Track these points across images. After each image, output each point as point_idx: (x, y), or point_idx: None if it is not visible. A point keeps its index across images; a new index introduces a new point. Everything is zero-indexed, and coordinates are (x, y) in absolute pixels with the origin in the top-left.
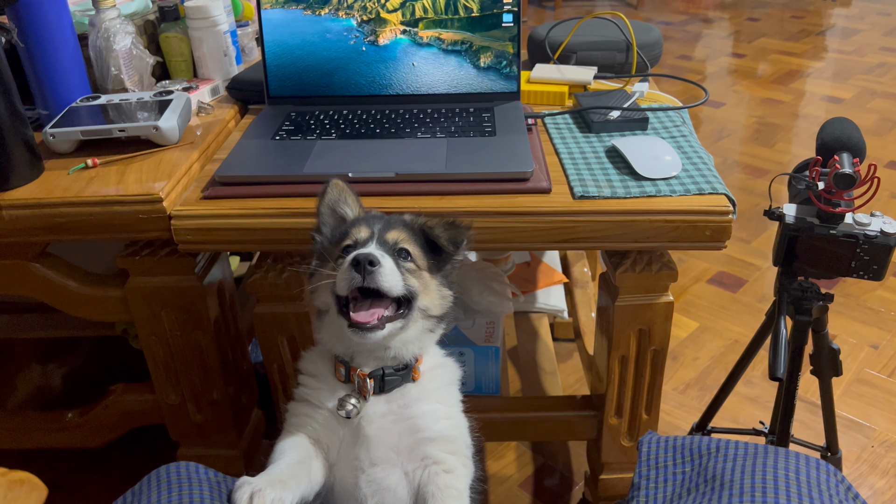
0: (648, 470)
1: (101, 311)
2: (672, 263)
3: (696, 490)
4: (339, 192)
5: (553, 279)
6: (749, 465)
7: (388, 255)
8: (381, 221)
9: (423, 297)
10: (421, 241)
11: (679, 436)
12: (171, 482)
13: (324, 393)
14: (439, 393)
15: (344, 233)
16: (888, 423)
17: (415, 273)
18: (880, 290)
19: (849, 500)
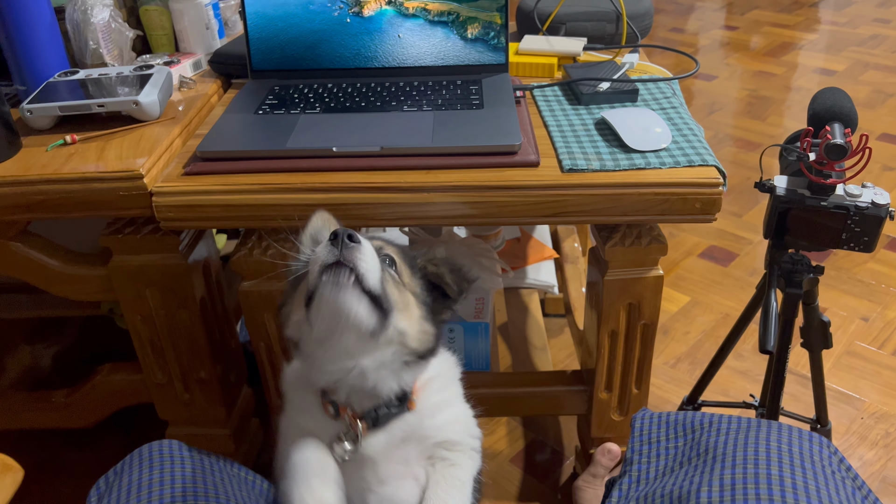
0: (641, 445)
1: (85, 291)
2: (662, 237)
3: (688, 463)
4: (324, 222)
5: (543, 255)
6: (741, 438)
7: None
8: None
9: (401, 317)
10: (415, 268)
11: (672, 411)
12: (152, 460)
13: (317, 431)
14: (440, 401)
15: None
16: (878, 394)
17: (397, 286)
18: (871, 263)
19: (841, 472)
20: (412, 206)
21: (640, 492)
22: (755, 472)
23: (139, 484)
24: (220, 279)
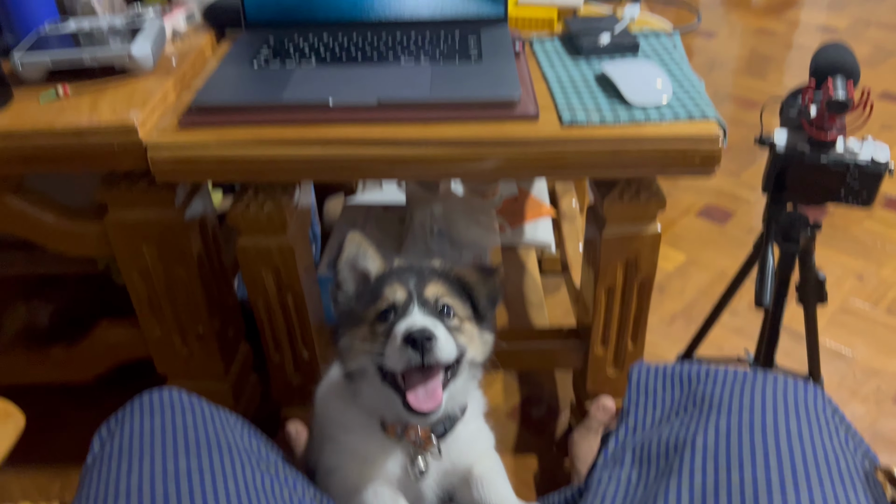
0: (638, 396)
1: (81, 246)
2: (660, 192)
3: (684, 412)
4: (358, 247)
5: (541, 212)
6: (738, 388)
7: (436, 318)
8: (414, 275)
9: (470, 350)
10: (457, 289)
11: (669, 364)
12: (153, 408)
13: (378, 459)
14: (475, 414)
15: (375, 293)
16: (870, 351)
17: (459, 328)
18: (867, 222)
19: (835, 420)
20: (411, 160)
21: (637, 439)
22: (750, 420)
23: (141, 431)
24: (217, 235)
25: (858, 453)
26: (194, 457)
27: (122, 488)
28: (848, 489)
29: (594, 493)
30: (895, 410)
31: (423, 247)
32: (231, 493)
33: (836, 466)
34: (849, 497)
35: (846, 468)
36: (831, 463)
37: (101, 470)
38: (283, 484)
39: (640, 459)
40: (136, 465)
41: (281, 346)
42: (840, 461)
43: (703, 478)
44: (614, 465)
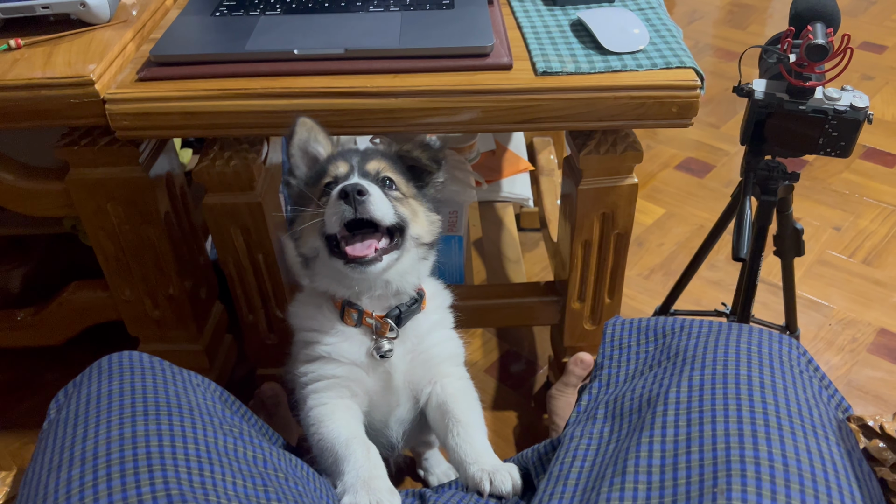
0: (612, 350)
1: (43, 206)
2: (637, 144)
3: (658, 366)
4: (308, 131)
5: (518, 167)
6: (711, 341)
7: (375, 185)
8: (358, 154)
9: (414, 225)
10: (401, 167)
11: (644, 317)
12: (111, 371)
13: (342, 345)
14: (442, 318)
15: (321, 171)
16: (846, 301)
17: (402, 201)
18: (846, 173)
19: (809, 371)
20: (379, 112)
21: (610, 394)
22: (724, 373)
23: (98, 395)
24: (185, 194)
25: (832, 404)
26: (153, 420)
27: (77, 454)
28: (820, 440)
29: (566, 449)
30: (870, 360)
31: None
32: (191, 456)
33: (808, 417)
34: (821, 447)
35: (819, 419)
36: (804, 414)
37: (57, 435)
38: (246, 444)
39: (612, 415)
40: (91, 430)
41: (254, 306)
42: (813, 412)
43: (675, 432)
44: (587, 420)
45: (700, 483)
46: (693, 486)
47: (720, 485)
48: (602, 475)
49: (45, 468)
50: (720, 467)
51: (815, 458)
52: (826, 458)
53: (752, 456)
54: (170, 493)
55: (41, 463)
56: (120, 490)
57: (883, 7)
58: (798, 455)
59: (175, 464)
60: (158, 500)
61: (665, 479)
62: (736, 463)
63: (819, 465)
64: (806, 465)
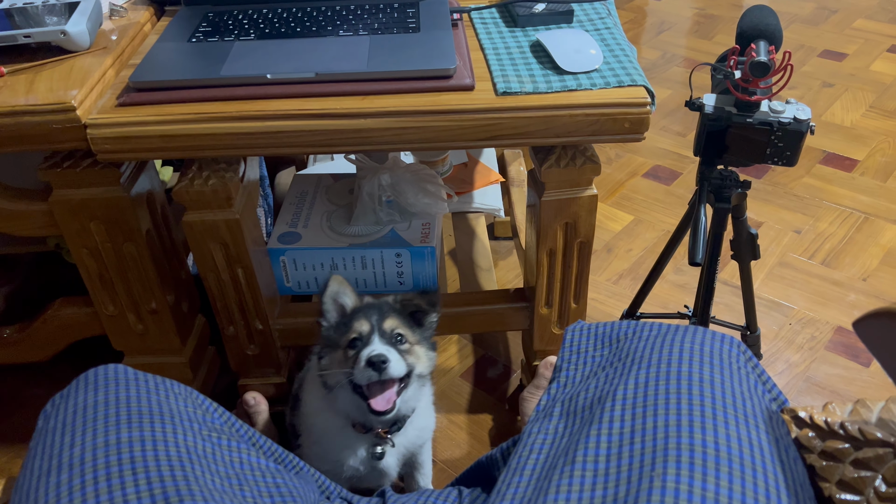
0: (570, 355)
1: (27, 226)
2: (595, 157)
3: (609, 367)
4: (339, 285)
5: (490, 179)
6: (658, 343)
7: (391, 346)
8: (376, 313)
9: (418, 367)
10: (405, 317)
11: (603, 322)
12: (97, 383)
13: (345, 452)
14: (426, 406)
15: (347, 325)
16: (806, 301)
17: (409, 350)
18: (806, 178)
19: (747, 368)
20: (349, 133)
21: (566, 394)
22: (667, 371)
23: (84, 405)
24: (165, 211)
25: (767, 397)
26: (136, 427)
27: (66, 461)
28: (751, 428)
29: (524, 444)
30: (828, 357)
31: (372, 216)
32: (172, 457)
33: (741, 409)
34: (750, 435)
35: (752, 410)
36: (738, 406)
37: (45, 444)
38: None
39: (566, 412)
40: (78, 437)
41: (234, 319)
42: (746, 403)
43: (620, 425)
44: (544, 418)
45: (640, 469)
46: (634, 471)
47: (657, 469)
48: (554, 465)
49: (34, 474)
50: (658, 454)
51: (745, 444)
52: (755, 445)
53: (687, 443)
54: (153, 492)
55: (31, 469)
56: (106, 492)
57: (843, 16)
58: (729, 442)
59: (158, 465)
60: (143, 500)
61: (609, 467)
62: (672, 450)
63: (748, 450)
64: (735, 450)
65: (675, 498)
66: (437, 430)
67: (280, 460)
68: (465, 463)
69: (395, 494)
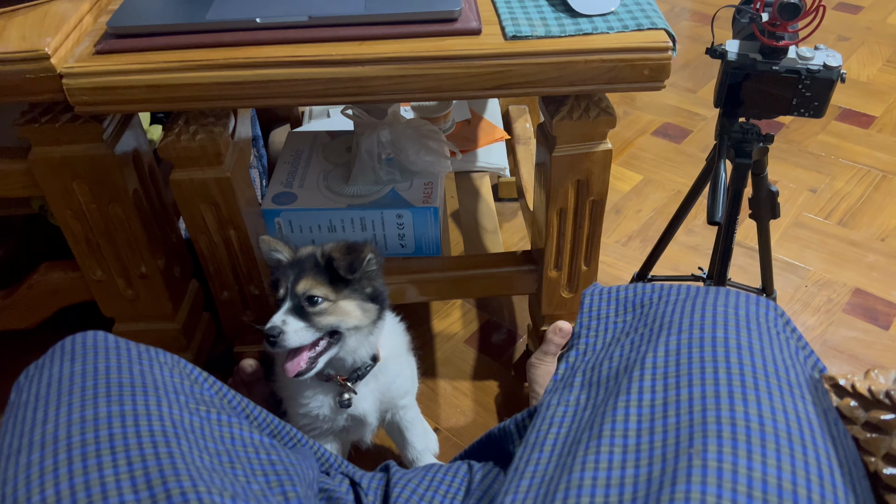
0: (590, 320)
1: (6, 187)
2: (610, 108)
3: (634, 332)
4: (266, 244)
5: (494, 136)
6: (688, 306)
7: (295, 314)
8: (295, 271)
9: (347, 321)
10: (327, 273)
11: (623, 285)
12: (74, 353)
13: (312, 404)
14: (396, 355)
15: (274, 286)
16: (822, 263)
17: (329, 308)
18: (822, 135)
19: (786, 332)
20: (345, 81)
21: (587, 362)
22: (700, 337)
23: (60, 377)
24: (154, 171)
25: (808, 364)
26: (116, 401)
27: (37, 439)
28: (797, 399)
29: (542, 417)
30: (845, 320)
31: (371, 175)
32: (156, 433)
33: (785, 378)
34: (797, 407)
35: (795, 379)
36: (781, 375)
37: (17, 420)
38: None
39: (588, 382)
40: (52, 413)
41: (227, 284)
42: (790, 372)
43: (651, 396)
44: (563, 388)
45: (676, 445)
46: (669, 448)
47: (696, 445)
48: (578, 440)
49: (3, 454)
50: (696, 429)
51: (791, 417)
52: (802, 418)
53: (728, 416)
54: (133, 473)
55: (0, 448)
56: (82, 473)
57: None
58: (774, 415)
59: (139, 442)
60: (122, 482)
61: (641, 443)
62: (712, 424)
63: (795, 424)
64: (782, 424)
65: (718, 478)
66: (442, 398)
67: (276, 433)
68: (471, 430)
69: (399, 469)
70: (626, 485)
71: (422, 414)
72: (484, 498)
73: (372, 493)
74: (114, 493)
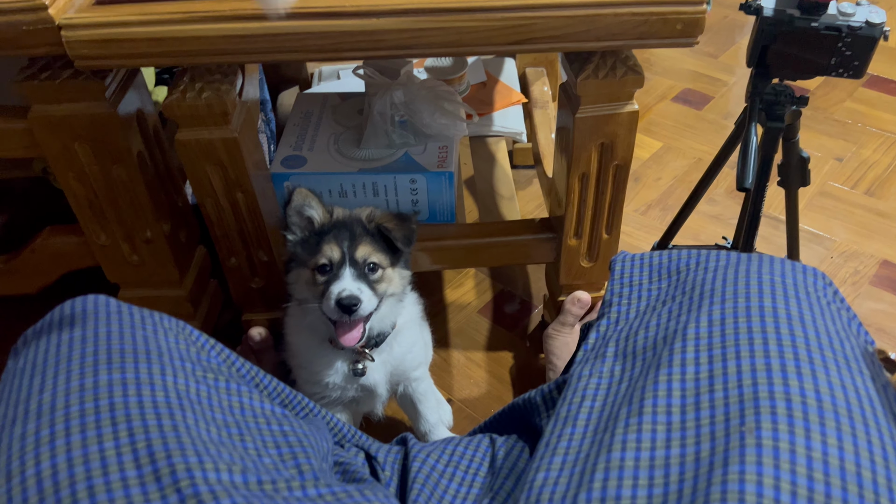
0: (622, 287)
1: (5, 147)
2: (638, 67)
3: (672, 301)
4: (304, 198)
5: (511, 100)
6: (731, 273)
7: (362, 280)
8: (348, 235)
9: (391, 289)
10: (380, 240)
11: (657, 251)
12: (74, 316)
13: (326, 371)
14: (411, 325)
15: (316, 246)
16: (848, 234)
17: (382, 277)
18: (848, 102)
19: (836, 302)
20: (358, 35)
21: (620, 331)
22: (746, 306)
23: (58, 343)
24: (159, 133)
25: (861, 337)
26: (117, 368)
27: (33, 408)
28: (854, 374)
29: (573, 389)
30: (872, 292)
31: (383, 138)
32: (160, 404)
33: (840, 350)
34: (855, 382)
35: (851, 352)
36: (836, 347)
37: (13, 387)
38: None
39: (623, 353)
40: (49, 381)
41: (235, 249)
42: (844, 344)
43: (695, 369)
44: (595, 359)
45: (725, 422)
46: (718, 425)
47: (748, 423)
48: (616, 415)
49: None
50: (747, 405)
51: (850, 393)
52: (861, 394)
53: (782, 391)
54: (135, 445)
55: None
56: (80, 445)
57: None
58: (832, 390)
59: (142, 412)
60: (123, 456)
61: (686, 420)
62: (765, 399)
63: (855, 400)
64: (841, 400)
65: (775, 458)
66: (455, 368)
67: (288, 403)
68: (484, 402)
69: (418, 443)
70: (672, 466)
71: (434, 385)
72: (510, 475)
73: (388, 468)
74: (114, 467)
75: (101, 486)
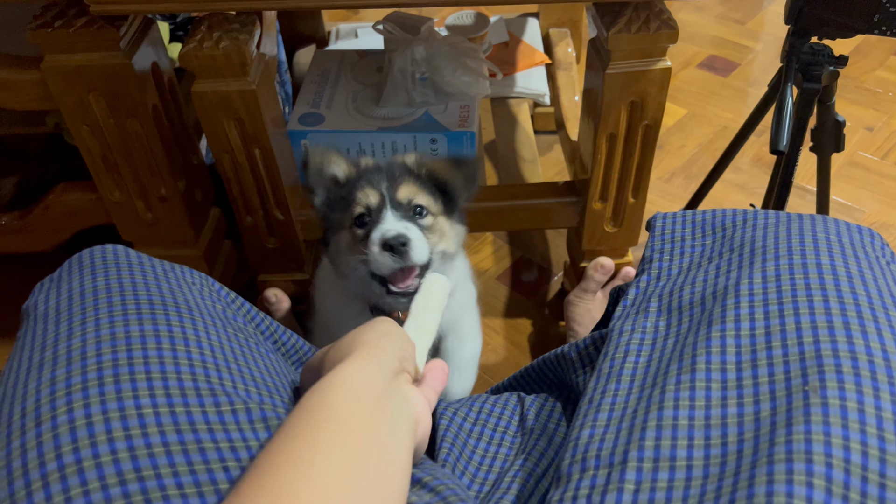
0: (663, 244)
1: (18, 98)
2: (672, 21)
3: (719, 258)
4: (321, 156)
5: (534, 60)
6: (783, 231)
7: (409, 221)
8: (385, 178)
9: (442, 243)
10: (428, 185)
11: (701, 210)
12: (94, 265)
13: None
14: (458, 286)
15: (350, 197)
16: (878, 204)
17: (432, 225)
18: (879, 71)
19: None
20: None
21: (663, 287)
22: (803, 263)
23: (81, 290)
24: (174, 88)
25: None
26: (148, 320)
27: (62, 353)
28: None
29: (615, 344)
30: None
31: (403, 96)
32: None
33: None
34: None
35: None
36: None
37: (35, 333)
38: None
39: (668, 308)
40: (77, 327)
41: (252, 208)
42: None
43: (751, 325)
44: (637, 314)
45: (786, 381)
46: (778, 384)
47: (812, 382)
48: (665, 372)
49: (23, 367)
50: (809, 363)
51: None
52: None
53: (846, 350)
54: (173, 409)
55: (20, 361)
56: (115, 399)
57: None
58: None
59: (177, 370)
60: (161, 417)
61: (743, 378)
62: (828, 357)
63: None
64: None
65: (843, 418)
66: None
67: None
68: (503, 368)
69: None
70: (730, 426)
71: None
72: (543, 435)
73: None
74: (153, 428)
75: (143, 450)
